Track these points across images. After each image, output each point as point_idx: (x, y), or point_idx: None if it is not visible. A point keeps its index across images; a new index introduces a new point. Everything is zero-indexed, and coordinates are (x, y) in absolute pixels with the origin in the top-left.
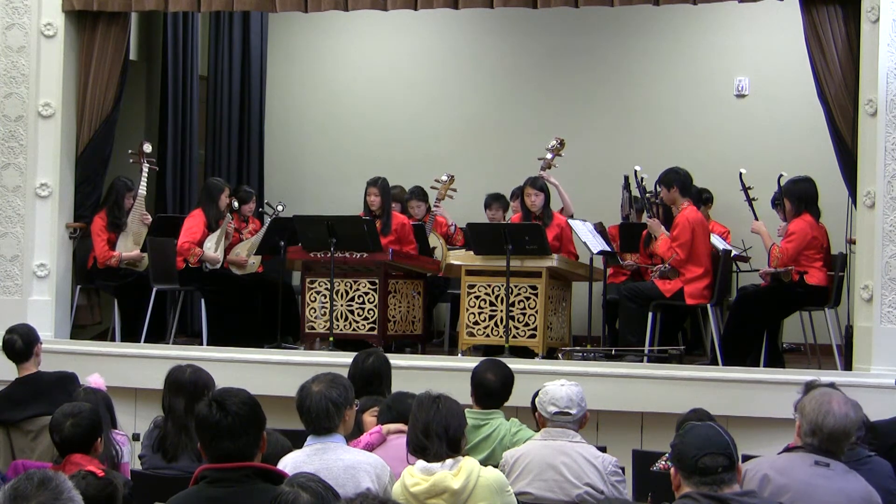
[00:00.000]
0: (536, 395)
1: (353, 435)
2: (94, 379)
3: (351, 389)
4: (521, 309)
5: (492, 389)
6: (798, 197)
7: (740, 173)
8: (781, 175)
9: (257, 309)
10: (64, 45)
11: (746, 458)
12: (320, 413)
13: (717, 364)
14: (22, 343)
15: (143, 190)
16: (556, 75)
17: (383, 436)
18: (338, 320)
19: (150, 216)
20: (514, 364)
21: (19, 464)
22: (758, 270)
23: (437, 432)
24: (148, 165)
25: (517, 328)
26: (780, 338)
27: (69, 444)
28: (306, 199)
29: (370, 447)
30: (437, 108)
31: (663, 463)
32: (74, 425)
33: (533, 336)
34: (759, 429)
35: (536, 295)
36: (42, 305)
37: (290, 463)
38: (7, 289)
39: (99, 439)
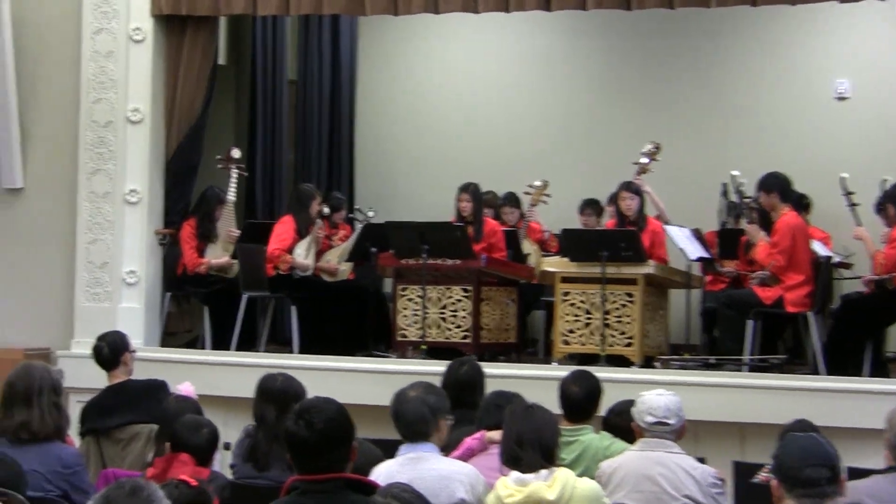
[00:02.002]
0: (614, 407)
1: None
2: (184, 387)
3: (447, 399)
4: (617, 317)
5: (576, 401)
6: None
7: (841, 178)
8: (885, 180)
9: (348, 316)
10: (153, 49)
11: (851, 470)
12: (415, 418)
13: (819, 373)
14: (109, 351)
15: (232, 196)
16: (652, 78)
17: (485, 443)
18: (430, 328)
19: (237, 232)
20: (611, 373)
21: (109, 473)
22: (860, 277)
23: (530, 442)
24: (237, 171)
25: (613, 336)
26: (885, 346)
27: (201, 452)
28: (397, 205)
29: (470, 452)
30: (530, 112)
31: (764, 475)
32: (210, 434)
33: (629, 344)
34: (863, 440)
35: (633, 302)
36: (132, 313)
37: (383, 473)
38: (97, 296)
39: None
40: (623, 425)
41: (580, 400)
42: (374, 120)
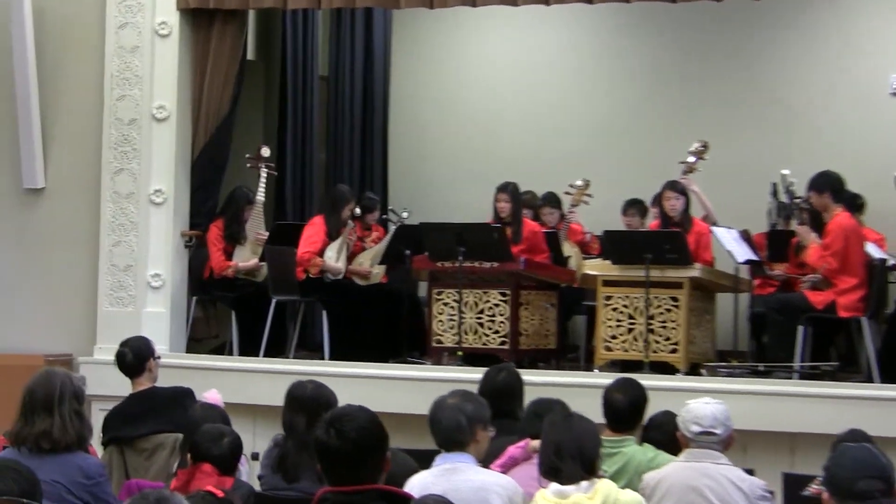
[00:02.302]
0: (653, 418)
1: None
2: (211, 395)
3: (487, 409)
4: (661, 322)
5: (620, 410)
6: None
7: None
8: None
9: (381, 321)
10: (179, 44)
11: None
12: (451, 427)
13: (873, 381)
14: (133, 357)
15: (261, 196)
16: (699, 74)
17: (528, 451)
18: (466, 334)
19: (265, 234)
20: (654, 381)
21: (133, 484)
22: None
23: (570, 453)
24: (266, 170)
25: (657, 342)
26: None
27: (223, 463)
28: (432, 206)
29: (513, 461)
30: (571, 109)
31: (815, 487)
32: (232, 443)
33: (674, 351)
34: None
35: (678, 307)
36: (156, 318)
37: (417, 484)
38: (121, 300)
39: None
40: (661, 440)
41: (625, 409)
42: (409, 117)
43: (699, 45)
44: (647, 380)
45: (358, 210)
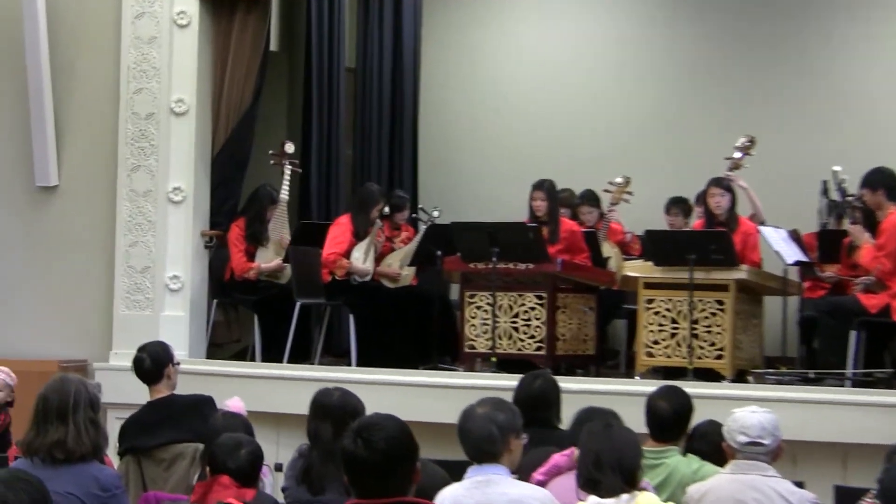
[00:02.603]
0: (697, 427)
1: None
2: (233, 403)
3: (519, 417)
4: (706, 326)
5: (664, 419)
6: None
7: None
8: None
9: (411, 326)
10: (198, 35)
11: None
12: (482, 437)
13: None
14: (151, 363)
15: (285, 195)
16: (746, 65)
17: (573, 461)
18: (501, 339)
19: (289, 237)
20: (699, 388)
21: (151, 496)
22: None
23: (609, 464)
24: (290, 167)
25: (702, 348)
26: None
27: (242, 474)
28: (465, 204)
29: (557, 470)
30: (610, 103)
31: (868, 500)
32: (250, 455)
33: (720, 357)
34: None
35: (723, 310)
36: (175, 322)
37: (449, 497)
38: (138, 303)
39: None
40: (706, 450)
41: (668, 418)
42: (440, 111)
43: (748, 35)
44: (691, 387)
45: (386, 209)
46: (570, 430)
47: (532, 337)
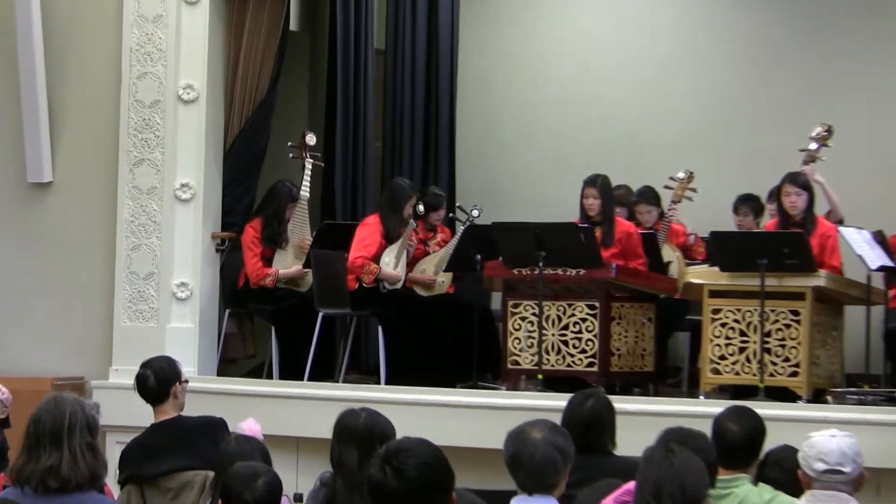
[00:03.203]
0: (770, 453)
1: None
2: (248, 425)
3: (572, 443)
4: (779, 339)
5: (733, 444)
6: None
7: None
8: None
9: (447, 339)
10: (209, 13)
11: None
12: (545, 465)
13: None
14: (155, 380)
15: (306, 192)
16: (823, 49)
17: None
18: (548, 353)
19: (310, 239)
20: (771, 409)
21: None
22: None
23: (671, 493)
24: (312, 161)
25: (775, 364)
26: None
27: None
28: (508, 202)
29: (630, 495)
30: (671, 90)
31: None
32: (268, 485)
33: (795, 374)
34: None
35: (799, 322)
36: (183, 334)
37: None
38: (141, 314)
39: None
40: (780, 478)
41: (738, 442)
42: (480, 98)
43: (826, 17)
44: (763, 408)
45: (420, 207)
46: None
47: (583, 351)
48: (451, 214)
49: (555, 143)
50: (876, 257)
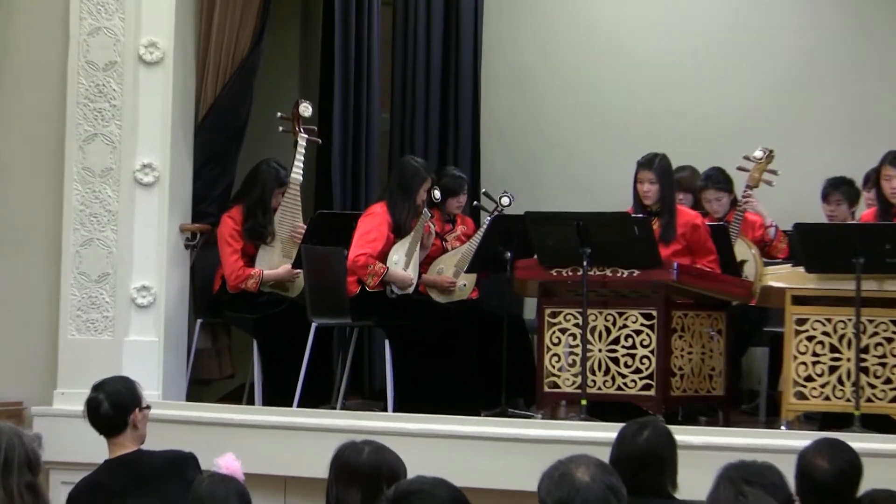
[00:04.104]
0: (870, 496)
1: None
2: (226, 462)
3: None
4: (879, 357)
5: (823, 484)
6: None
7: None
8: None
9: (470, 356)
10: None
11: None
12: None
13: None
14: (110, 407)
15: (298, 174)
16: None
17: None
18: (594, 373)
19: (303, 227)
20: (870, 442)
21: None
22: None
23: None
24: (306, 136)
25: (873, 387)
26: None
27: None
28: (544, 188)
29: None
30: (744, 55)
31: None
32: None
33: None
34: None
35: None
36: (144, 349)
37: None
38: (93, 324)
39: None
40: None
41: (829, 483)
42: (510, 61)
43: None
44: (858, 441)
45: (437, 194)
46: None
47: (637, 371)
48: (474, 202)
49: (600, 115)
50: None
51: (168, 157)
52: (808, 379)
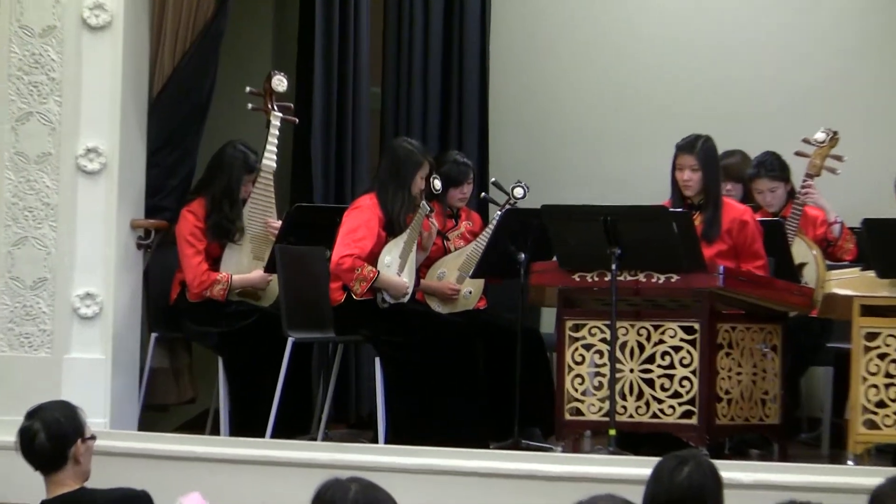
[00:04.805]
0: None
1: None
2: (191, 502)
3: None
4: None
5: None
6: None
7: None
8: None
9: (476, 376)
10: None
11: None
12: None
13: None
14: (47, 437)
15: (271, 159)
16: None
17: None
18: (624, 398)
19: (277, 223)
20: None
21: None
22: None
23: None
24: (280, 115)
25: None
26: None
27: None
28: (564, 177)
29: None
30: (802, 25)
31: None
32: None
33: None
34: None
35: None
36: (88, 369)
37: None
38: (27, 339)
39: None
40: None
41: None
42: (523, 26)
43: None
44: None
45: (438, 183)
46: None
47: (676, 395)
48: (482, 194)
49: (628, 91)
50: None
51: (117, 139)
52: (881, 405)
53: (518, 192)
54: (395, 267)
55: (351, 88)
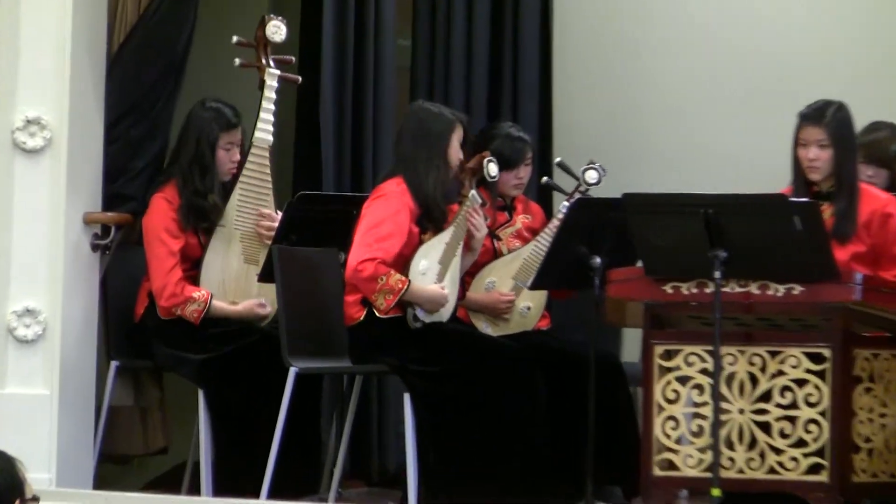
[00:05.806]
0: None
1: None
2: None
3: None
4: None
5: None
6: None
7: None
8: None
9: (537, 417)
10: None
11: None
12: None
13: None
14: None
15: (266, 131)
16: None
17: None
18: (732, 448)
19: (276, 216)
20: None
21: None
22: None
23: None
24: (278, 73)
25: None
26: None
27: None
28: (650, 158)
29: None
30: None
31: None
32: None
33: None
34: None
35: None
36: (29, 408)
37: None
38: None
39: None
40: None
41: None
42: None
43: None
44: None
45: (493, 167)
46: None
47: (800, 444)
48: (543, 178)
49: (738, 44)
50: None
51: (66, 108)
52: None
53: (591, 176)
54: (433, 275)
55: (372, 39)
